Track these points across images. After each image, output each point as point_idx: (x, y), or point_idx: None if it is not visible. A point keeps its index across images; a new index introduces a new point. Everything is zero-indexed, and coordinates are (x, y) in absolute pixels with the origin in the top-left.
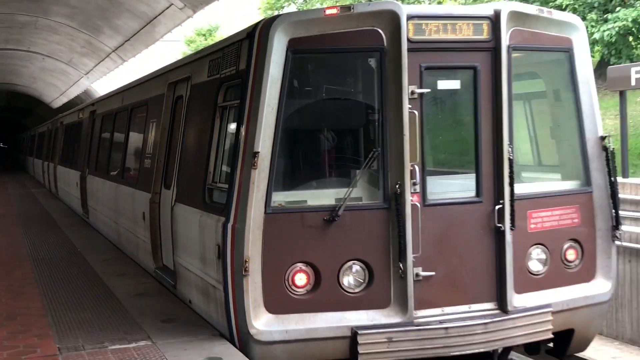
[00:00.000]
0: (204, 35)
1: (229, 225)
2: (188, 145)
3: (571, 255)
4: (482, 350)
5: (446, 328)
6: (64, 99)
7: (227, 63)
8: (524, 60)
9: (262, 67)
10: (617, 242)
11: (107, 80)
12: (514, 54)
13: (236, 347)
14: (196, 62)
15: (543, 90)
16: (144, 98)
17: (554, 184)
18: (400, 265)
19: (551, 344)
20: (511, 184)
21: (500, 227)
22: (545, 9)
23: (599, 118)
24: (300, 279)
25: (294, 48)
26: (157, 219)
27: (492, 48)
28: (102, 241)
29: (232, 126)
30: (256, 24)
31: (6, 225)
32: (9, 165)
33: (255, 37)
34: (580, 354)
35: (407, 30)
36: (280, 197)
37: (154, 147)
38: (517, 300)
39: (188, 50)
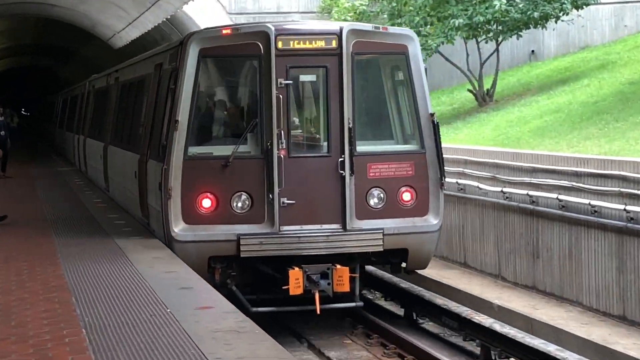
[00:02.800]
0: None
1: (163, 168)
2: (156, 116)
3: (407, 196)
4: (323, 253)
5: (299, 237)
6: (133, 32)
7: (174, 58)
8: (381, 61)
9: (183, 65)
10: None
11: (210, 1)
12: (363, 57)
13: (166, 245)
14: (165, 53)
15: (400, 79)
16: (140, 74)
17: (392, 146)
18: (270, 195)
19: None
20: (350, 145)
21: (342, 173)
22: (381, 26)
23: (429, 100)
24: (206, 203)
25: (203, 54)
26: (144, 175)
27: (338, 54)
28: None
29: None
30: (184, 37)
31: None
32: (33, 146)
33: (182, 46)
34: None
35: (276, 43)
36: (194, 150)
37: (144, 117)
38: (356, 223)
39: None
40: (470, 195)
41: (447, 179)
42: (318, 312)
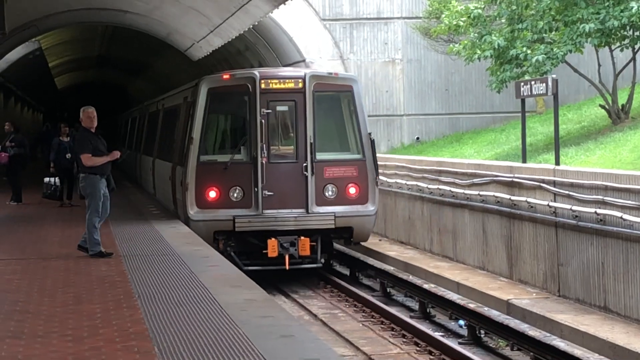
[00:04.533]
0: None
1: (182, 169)
2: (183, 135)
3: (352, 190)
4: (292, 228)
5: (275, 217)
6: (215, 41)
7: (193, 94)
8: (333, 96)
9: (197, 99)
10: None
11: (301, 6)
12: (321, 94)
13: (184, 223)
14: (189, 90)
15: (347, 109)
16: (175, 104)
17: (342, 155)
18: (256, 189)
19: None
20: (311, 154)
21: (306, 174)
22: (333, 72)
23: (367, 124)
24: (212, 194)
25: (211, 92)
26: (174, 177)
27: (303, 92)
28: None
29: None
30: (198, 80)
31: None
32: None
33: (197, 86)
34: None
35: (260, 85)
36: (204, 157)
37: (176, 135)
38: (315, 208)
39: None
40: (612, 227)
41: (584, 209)
42: (287, 268)
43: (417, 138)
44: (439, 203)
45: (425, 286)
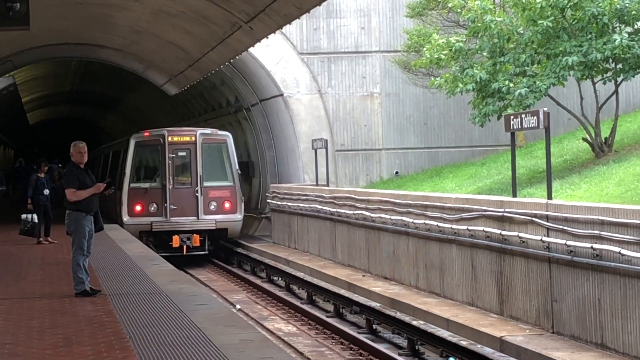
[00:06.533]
0: None
1: (119, 192)
2: (121, 170)
3: (227, 205)
4: (188, 229)
5: (178, 222)
6: (193, 75)
7: (126, 144)
8: (215, 146)
9: (128, 148)
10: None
11: (278, 40)
12: (206, 144)
13: (121, 227)
14: (124, 141)
15: (223, 154)
16: (117, 149)
17: (220, 183)
18: (165, 204)
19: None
20: (200, 183)
21: (197, 195)
22: (216, 130)
23: (236, 164)
24: (138, 207)
25: (137, 144)
26: (117, 198)
27: (195, 143)
28: None
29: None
30: (129, 136)
31: None
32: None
33: (128, 140)
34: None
35: (168, 138)
36: (133, 184)
37: (118, 169)
38: (203, 217)
39: None
40: (609, 262)
41: (579, 244)
42: (184, 254)
43: (397, 172)
44: (425, 238)
45: (414, 323)
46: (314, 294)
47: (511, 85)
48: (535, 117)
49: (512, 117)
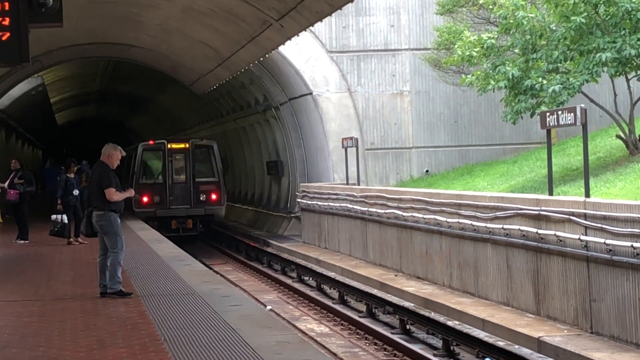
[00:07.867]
0: None
1: (132, 187)
2: (132, 169)
3: (214, 196)
4: (184, 215)
5: (175, 209)
6: (222, 73)
7: (135, 150)
8: (204, 151)
9: (137, 153)
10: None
11: (307, 38)
12: (197, 150)
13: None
14: (135, 148)
15: (211, 158)
16: (130, 154)
17: (208, 178)
18: (168, 198)
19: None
20: (193, 178)
21: (190, 188)
22: (204, 139)
23: (220, 164)
24: (145, 199)
25: (144, 149)
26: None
27: (189, 149)
28: None
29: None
30: (137, 144)
31: None
32: None
33: (137, 146)
34: None
35: (168, 146)
36: (142, 180)
37: (131, 169)
38: (195, 205)
39: None
40: None
41: (618, 242)
42: (181, 234)
43: (427, 170)
44: (459, 237)
45: (449, 323)
46: (345, 293)
47: (544, 82)
48: (572, 114)
49: (548, 113)
